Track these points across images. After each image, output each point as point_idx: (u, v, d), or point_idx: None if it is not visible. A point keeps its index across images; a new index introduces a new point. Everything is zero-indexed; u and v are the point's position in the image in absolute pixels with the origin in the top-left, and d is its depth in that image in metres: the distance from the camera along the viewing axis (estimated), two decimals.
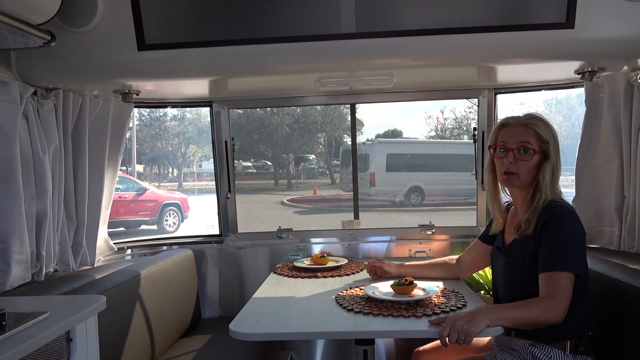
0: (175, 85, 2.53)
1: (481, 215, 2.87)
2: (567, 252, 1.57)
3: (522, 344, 1.67)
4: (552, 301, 1.53)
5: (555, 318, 1.52)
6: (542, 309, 1.53)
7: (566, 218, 1.62)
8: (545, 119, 1.76)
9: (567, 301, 1.53)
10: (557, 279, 1.55)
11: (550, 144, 1.72)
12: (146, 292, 2.18)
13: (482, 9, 1.95)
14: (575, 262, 1.56)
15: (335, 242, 2.94)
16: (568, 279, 1.54)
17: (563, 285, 1.54)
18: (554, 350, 1.62)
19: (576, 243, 1.60)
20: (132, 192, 10.53)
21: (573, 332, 1.63)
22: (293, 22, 2.01)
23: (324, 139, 14.74)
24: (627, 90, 2.13)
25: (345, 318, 1.76)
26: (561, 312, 1.52)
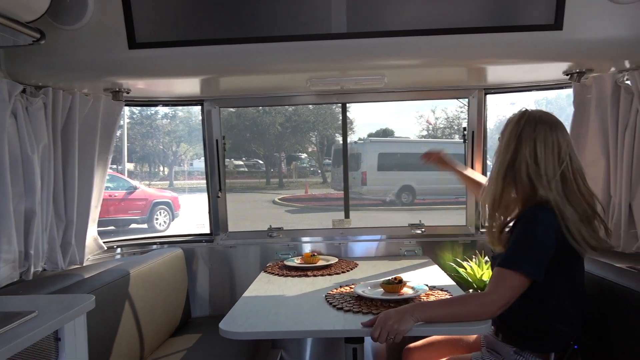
0: (166, 84, 2.52)
1: (470, 215, 2.89)
2: (523, 253, 1.53)
3: (507, 350, 1.68)
4: (489, 296, 1.53)
5: (488, 313, 1.52)
6: (476, 304, 1.55)
7: (536, 220, 1.56)
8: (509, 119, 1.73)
9: (506, 298, 1.51)
10: (503, 276, 1.53)
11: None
12: (136, 291, 2.17)
13: (473, 9, 1.97)
14: (527, 265, 1.51)
15: (326, 241, 2.95)
16: (514, 279, 1.51)
17: (506, 284, 1.51)
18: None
19: (537, 246, 1.53)
20: (123, 191, 10.46)
21: (559, 345, 1.62)
22: (284, 22, 2.01)
23: (316, 138, 14.75)
24: (615, 91, 2.16)
25: (335, 317, 1.77)
26: (495, 307, 1.51)
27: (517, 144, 1.63)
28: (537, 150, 1.60)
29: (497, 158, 1.69)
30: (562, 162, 1.60)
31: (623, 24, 1.90)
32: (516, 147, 1.63)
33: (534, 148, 1.60)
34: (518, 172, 1.63)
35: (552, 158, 1.60)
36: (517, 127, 1.65)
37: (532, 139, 1.61)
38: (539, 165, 1.59)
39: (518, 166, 1.62)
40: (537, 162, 1.60)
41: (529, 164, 1.60)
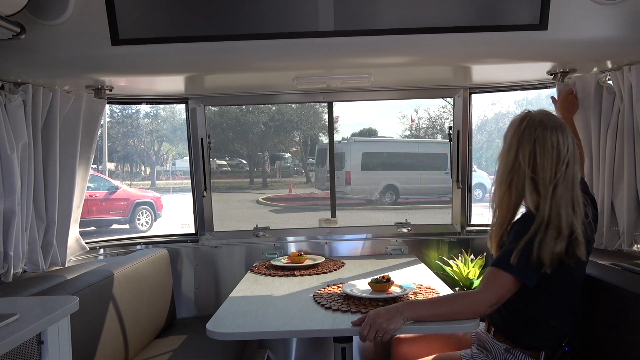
0: (150, 81, 2.48)
1: (456, 213, 2.91)
2: (514, 254, 1.51)
3: (497, 348, 1.69)
4: (479, 294, 1.54)
5: (478, 311, 1.53)
6: (466, 303, 1.55)
7: (527, 222, 1.55)
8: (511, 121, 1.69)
9: (497, 297, 1.51)
10: (495, 275, 1.53)
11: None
12: (120, 293, 2.13)
13: (459, 9, 1.98)
14: (518, 267, 1.49)
15: (312, 241, 2.94)
16: (505, 279, 1.51)
17: (497, 283, 1.52)
18: (527, 359, 1.63)
19: (526, 250, 1.50)
20: (104, 191, 10.29)
21: (549, 344, 1.62)
22: (271, 19, 1.99)
23: (300, 138, 14.71)
24: (597, 91, 2.20)
25: (323, 316, 1.76)
26: (485, 305, 1.52)
27: (518, 148, 1.59)
28: (537, 154, 1.56)
29: (500, 162, 1.66)
30: (560, 168, 1.54)
31: (606, 24, 1.93)
32: (517, 151, 1.59)
33: (533, 152, 1.56)
34: (516, 177, 1.59)
35: (550, 163, 1.55)
36: (519, 130, 1.60)
37: (532, 143, 1.57)
38: (536, 171, 1.55)
39: (516, 170, 1.59)
40: (535, 167, 1.56)
41: (530, 168, 1.56)
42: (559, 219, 1.51)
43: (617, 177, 2.15)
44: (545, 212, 1.52)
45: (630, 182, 2.08)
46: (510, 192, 1.62)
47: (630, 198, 2.08)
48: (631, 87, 2.02)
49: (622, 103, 2.08)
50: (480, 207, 3.17)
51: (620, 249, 2.17)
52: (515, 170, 1.60)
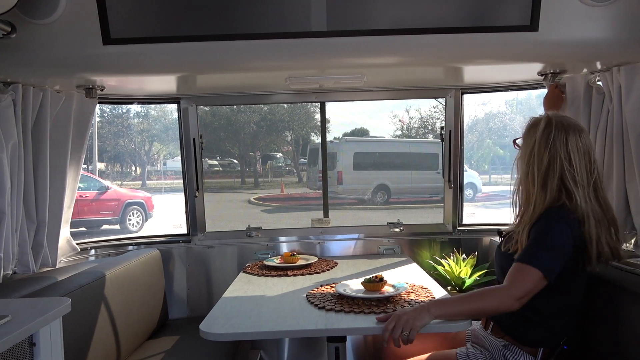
0: (141, 81, 2.47)
1: (448, 213, 2.93)
2: (541, 250, 1.55)
3: (496, 345, 1.70)
4: (507, 289, 1.53)
5: (506, 305, 1.52)
6: (493, 299, 1.54)
7: (552, 219, 1.59)
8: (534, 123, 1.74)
9: (525, 292, 1.51)
10: (522, 270, 1.54)
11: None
12: (111, 294, 2.12)
13: (451, 10, 1.99)
14: (546, 262, 1.53)
15: (305, 241, 2.94)
16: (532, 274, 1.52)
17: (524, 277, 1.52)
18: (525, 355, 1.65)
19: (552, 245, 1.55)
20: (94, 191, 10.20)
21: (548, 342, 1.65)
22: (263, 19, 1.99)
23: (291, 137, 14.70)
24: (587, 91, 2.22)
25: (317, 316, 1.76)
26: (513, 300, 1.51)
27: (552, 150, 1.63)
28: (572, 156, 1.61)
29: (528, 165, 1.68)
30: (593, 168, 1.63)
31: (595, 26, 1.95)
32: (550, 153, 1.63)
33: (568, 154, 1.62)
34: (552, 178, 1.63)
35: (585, 164, 1.62)
36: (548, 133, 1.65)
37: (566, 145, 1.62)
38: (575, 172, 1.61)
39: (553, 172, 1.63)
40: (573, 169, 1.61)
41: (566, 170, 1.61)
42: (610, 213, 1.61)
43: (606, 177, 2.18)
44: (588, 210, 1.58)
45: (619, 182, 2.10)
46: (545, 193, 1.63)
47: (619, 198, 2.11)
48: (620, 88, 2.04)
49: (611, 104, 2.10)
50: (471, 206, 3.19)
51: None
52: (551, 171, 1.63)
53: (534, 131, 1.69)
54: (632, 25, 1.94)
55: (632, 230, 2.13)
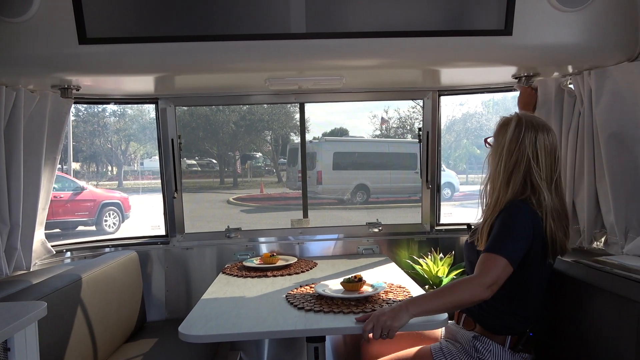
0: (118, 81, 2.44)
1: (426, 212, 2.97)
2: (505, 240, 1.62)
3: (466, 336, 1.76)
4: (477, 278, 1.58)
5: (479, 294, 1.56)
6: (466, 289, 1.58)
7: (515, 212, 1.67)
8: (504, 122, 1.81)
9: (494, 279, 1.56)
10: (489, 259, 1.60)
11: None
12: (88, 297, 2.09)
13: (428, 14, 2.02)
14: (510, 249, 1.59)
15: (284, 241, 2.95)
16: (499, 262, 1.57)
17: (492, 265, 1.58)
18: (494, 344, 1.71)
19: (515, 234, 1.63)
20: (69, 192, 9.98)
21: (514, 329, 1.72)
22: (243, 20, 1.99)
23: (271, 137, 14.65)
24: (558, 94, 2.28)
25: (296, 316, 1.77)
26: (484, 288, 1.55)
27: (521, 148, 1.70)
28: (539, 154, 1.69)
29: (498, 161, 1.75)
30: (557, 166, 1.71)
31: (567, 31, 2.02)
32: (519, 151, 1.70)
33: (536, 152, 1.69)
34: (517, 174, 1.70)
35: (550, 162, 1.70)
36: (519, 132, 1.71)
37: (534, 143, 1.70)
38: (541, 169, 1.69)
39: (518, 169, 1.70)
40: (539, 166, 1.69)
41: (533, 167, 1.68)
42: (565, 210, 1.72)
43: (577, 178, 2.25)
44: (548, 205, 1.67)
45: (590, 183, 2.17)
46: (507, 189, 1.71)
47: (590, 197, 2.17)
48: (591, 91, 2.10)
49: (582, 106, 2.17)
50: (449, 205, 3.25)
51: (581, 247, 2.27)
52: (517, 168, 1.70)
53: (505, 130, 1.76)
54: (601, 30, 2.00)
55: (602, 229, 2.20)
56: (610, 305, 1.57)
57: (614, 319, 1.54)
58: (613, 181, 2.04)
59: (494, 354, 1.70)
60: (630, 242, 2.03)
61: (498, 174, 1.74)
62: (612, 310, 1.55)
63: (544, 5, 1.98)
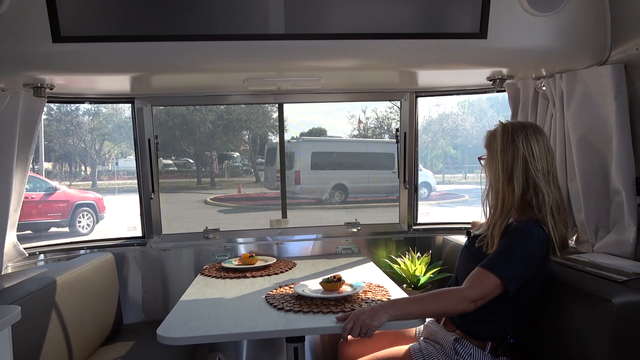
0: (93, 81, 2.39)
1: (403, 212, 3.01)
2: (506, 262, 1.61)
3: (447, 338, 1.78)
4: (463, 291, 1.59)
5: (461, 307, 1.58)
6: (449, 299, 1.60)
7: (529, 235, 1.64)
8: (488, 134, 1.83)
9: (481, 296, 1.58)
10: (483, 275, 1.60)
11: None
12: (63, 300, 2.05)
13: (405, 16, 2.05)
14: (507, 272, 1.59)
15: (263, 242, 2.94)
16: (491, 281, 1.58)
17: (484, 282, 1.59)
18: (475, 348, 1.73)
19: (522, 261, 1.62)
20: (41, 192, 9.74)
21: (496, 335, 1.74)
22: (221, 20, 1.98)
23: (249, 137, 14.57)
24: (534, 97, 2.34)
25: (276, 317, 1.78)
26: (468, 302, 1.57)
27: (514, 149, 1.72)
28: (534, 150, 1.71)
29: (495, 165, 1.76)
30: (553, 159, 1.75)
31: (540, 35, 2.07)
32: (513, 152, 1.72)
33: (531, 149, 1.71)
34: (517, 171, 1.71)
35: (546, 155, 1.72)
36: (507, 135, 1.74)
37: (527, 141, 1.72)
38: (538, 163, 1.70)
39: (517, 166, 1.71)
40: (536, 160, 1.71)
41: (530, 163, 1.70)
42: (562, 201, 1.74)
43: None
44: (552, 202, 1.68)
45: (561, 182, 2.23)
46: (512, 188, 1.71)
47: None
48: (562, 94, 2.16)
49: (554, 108, 2.23)
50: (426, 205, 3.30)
51: None
52: (516, 166, 1.71)
53: (494, 138, 1.78)
54: (572, 34, 2.07)
55: (574, 228, 2.26)
56: (582, 303, 1.61)
57: (586, 316, 1.59)
58: (583, 181, 2.11)
59: (474, 357, 1.72)
60: (600, 240, 2.10)
61: (497, 176, 1.74)
62: (584, 308, 1.60)
63: (518, 9, 2.03)
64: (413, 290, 2.65)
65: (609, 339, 1.49)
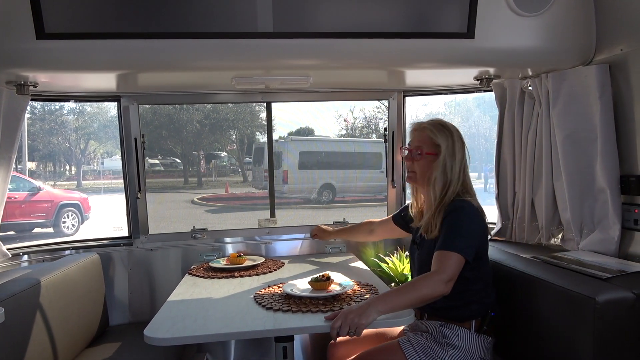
0: (79, 78, 2.35)
1: (391, 211, 3.01)
2: (459, 238, 1.72)
3: (433, 325, 1.84)
4: (436, 275, 1.66)
5: (439, 290, 1.64)
6: (427, 285, 1.66)
7: (465, 212, 1.79)
8: (442, 124, 1.91)
9: (451, 275, 1.66)
10: (445, 257, 1.69)
11: (441, 146, 1.87)
12: (48, 301, 2.01)
13: (393, 16, 2.06)
14: (463, 247, 1.70)
15: (251, 241, 2.93)
16: (455, 259, 1.68)
17: (449, 262, 1.68)
18: (461, 329, 1.80)
19: (469, 233, 1.75)
20: (24, 192, 9.58)
21: (477, 313, 1.82)
22: (209, 18, 1.97)
23: (236, 136, 14.51)
24: (521, 96, 2.36)
25: (265, 316, 1.77)
26: (443, 284, 1.64)
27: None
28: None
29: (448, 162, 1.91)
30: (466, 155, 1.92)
31: (526, 35, 2.09)
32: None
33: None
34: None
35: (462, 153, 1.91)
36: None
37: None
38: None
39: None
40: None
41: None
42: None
43: (536, 176, 2.33)
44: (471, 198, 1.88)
45: (547, 181, 2.25)
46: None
47: (547, 195, 2.26)
48: (548, 94, 2.19)
49: (540, 108, 2.25)
50: None
51: (539, 243, 2.35)
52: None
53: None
54: (558, 35, 2.09)
55: (559, 226, 2.29)
56: (566, 301, 1.63)
57: (570, 314, 1.61)
58: (569, 180, 2.14)
59: (461, 337, 1.79)
60: (585, 238, 2.12)
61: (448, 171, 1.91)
62: (569, 306, 1.62)
63: (504, 10, 2.05)
64: None
65: (593, 336, 1.51)
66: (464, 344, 1.79)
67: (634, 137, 1.95)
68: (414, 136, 1.96)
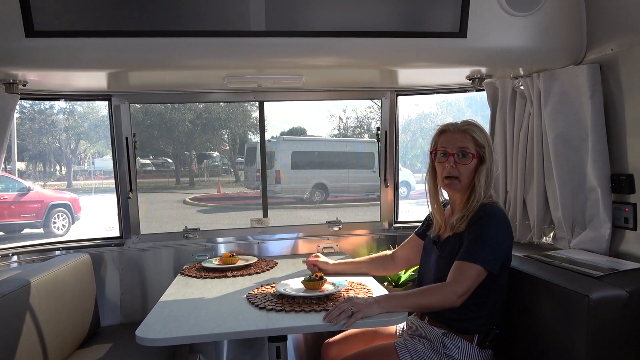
0: (69, 77, 2.33)
1: (384, 211, 3.01)
2: (483, 248, 1.67)
3: (435, 333, 1.79)
4: (450, 286, 1.65)
5: (450, 302, 1.63)
6: (437, 295, 1.65)
7: (494, 220, 1.73)
8: (480, 125, 1.86)
9: (466, 289, 1.64)
10: (465, 268, 1.66)
11: (485, 148, 1.82)
12: (38, 302, 1.99)
13: (386, 15, 2.06)
14: (487, 258, 1.66)
15: (244, 241, 2.91)
16: (475, 271, 1.65)
17: (468, 274, 1.65)
18: (463, 341, 1.76)
19: (495, 243, 1.69)
20: (13, 193, 9.48)
21: (482, 328, 1.78)
22: (201, 16, 1.96)
23: (228, 136, 14.46)
24: (512, 95, 2.37)
25: (258, 316, 1.76)
26: (456, 297, 1.63)
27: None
28: None
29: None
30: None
31: (518, 35, 2.10)
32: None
33: None
34: None
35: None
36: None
37: None
38: None
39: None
40: None
41: None
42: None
43: (528, 175, 2.34)
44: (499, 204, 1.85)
45: (539, 180, 2.27)
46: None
47: (539, 194, 2.27)
48: (539, 93, 2.20)
49: (532, 107, 2.26)
50: (405, 204, 3.33)
51: (531, 242, 2.37)
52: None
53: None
54: (550, 35, 2.10)
55: (551, 225, 2.30)
56: (559, 298, 1.64)
57: (563, 311, 1.62)
58: (560, 179, 2.15)
59: (462, 350, 1.75)
60: (577, 236, 2.14)
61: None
62: (562, 303, 1.63)
63: (497, 9, 2.06)
64: (394, 288, 2.66)
65: (586, 333, 1.52)
66: (463, 357, 1.74)
67: (624, 136, 1.96)
68: (455, 138, 1.82)
